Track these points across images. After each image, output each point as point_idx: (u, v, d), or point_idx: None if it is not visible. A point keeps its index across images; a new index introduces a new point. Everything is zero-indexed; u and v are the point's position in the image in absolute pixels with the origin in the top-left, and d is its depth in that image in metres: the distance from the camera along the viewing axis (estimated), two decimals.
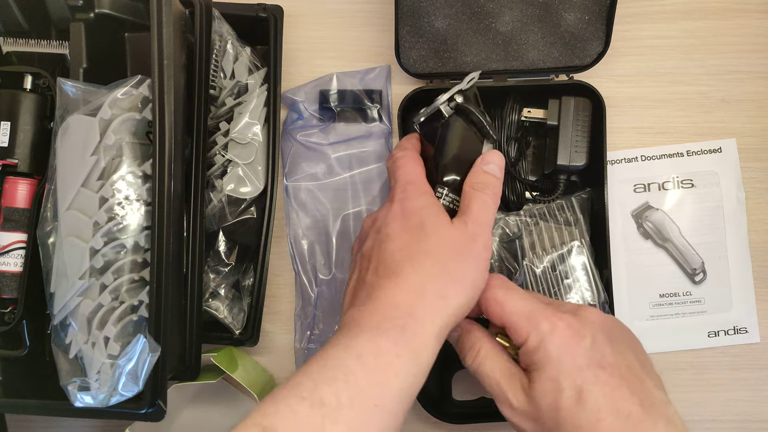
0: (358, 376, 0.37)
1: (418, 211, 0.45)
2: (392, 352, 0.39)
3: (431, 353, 0.41)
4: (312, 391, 0.36)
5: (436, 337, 0.41)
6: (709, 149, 0.64)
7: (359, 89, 0.63)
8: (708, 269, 0.63)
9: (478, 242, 0.44)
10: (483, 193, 0.46)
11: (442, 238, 0.43)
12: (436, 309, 0.41)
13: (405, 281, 0.42)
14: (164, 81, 0.48)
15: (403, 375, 0.39)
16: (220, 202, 0.57)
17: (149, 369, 0.47)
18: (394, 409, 0.38)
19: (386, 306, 0.41)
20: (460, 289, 0.42)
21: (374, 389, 0.37)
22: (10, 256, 0.54)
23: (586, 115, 0.59)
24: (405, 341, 0.39)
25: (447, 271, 0.42)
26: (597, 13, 0.58)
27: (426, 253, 0.43)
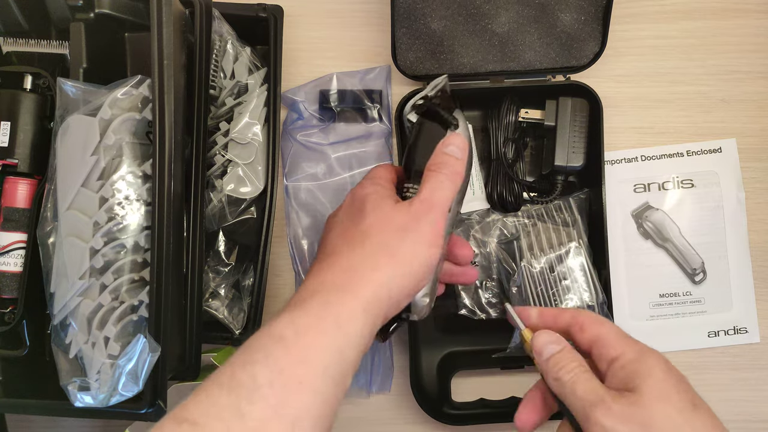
0: (278, 356, 0.36)
1: (363, 197, 0.44)
2: (315, 329, 0.37)
3: (359, 325, 0.39)
4: (230, 377, 0.35)
5: (363, 310, 0.39)
6: (709, 149, 0.64)
7: (359, 89, 0.63)
8: (708, 269, 0.63)
9: (421, 221, 0.42)
10: (438, 172, 0.44)
11: (381, 218, 0.43)
12: (365, 282, 0.40)
13: (338, 261, 0.41)
14: (164, 81, 0.48)
15: (328, 350, 0.37)
16: (220, 202, 0.57)
17: (149, 369, 0.47)
18: (321, 387, 0.36)
19: (315, 285, 0.40)
20: (392, 263, 0.41)
21: (297, 367, 0.36)
22: (10, 256, 0.54)
23: (583, 116, 0.59)
24: (328, 315, 0.38)
25: (381, 247, 0.41)
26: (593, 13, 0.58)
27: (362, 233, 0.42)
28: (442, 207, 0.43)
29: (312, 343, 0.37)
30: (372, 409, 0.63)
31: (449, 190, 0.44)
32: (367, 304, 0.39)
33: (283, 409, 0.35)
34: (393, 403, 0.63)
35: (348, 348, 0.38)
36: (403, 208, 0.43)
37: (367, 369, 0.61)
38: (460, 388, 0.62)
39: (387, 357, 0.62)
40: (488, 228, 0.61)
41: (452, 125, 0.47)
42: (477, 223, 0.61)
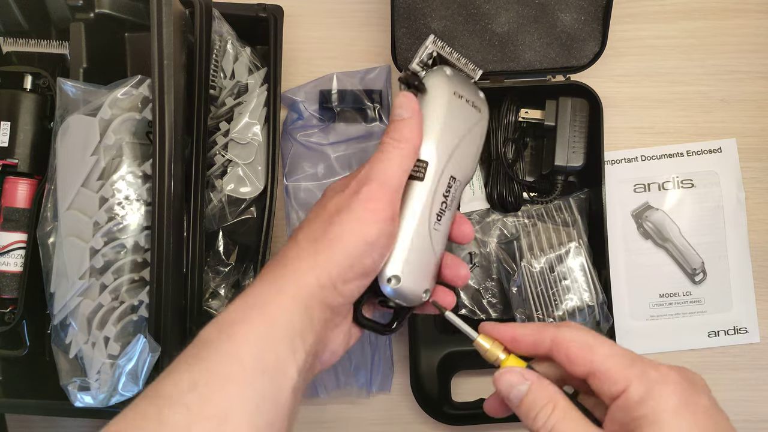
0: (203, 357, 0.35)
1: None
2: (238, 322, 0.36)
3: (288, 314, 0.36)
4: (155, 388, 0.34)
5: (293, 299, 0.36)
6: (709, 149, 0.64)
7: (359, 89, 0.63)
8: (708, 269, 0.63)
9: (352, 199, 0.39)
10: (382, 143, 0.41)
11: (316, 209, 0.41)
12: (290, 272, 0.38)
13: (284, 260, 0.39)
14: (164, 81, 0.48)
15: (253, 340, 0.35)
16: (220, 202, 0.57)
17: (149, 369, 0.47)
18: (254, 379, 0.34)
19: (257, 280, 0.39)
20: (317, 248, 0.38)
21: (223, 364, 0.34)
22: (10, 256, 0.54)
23: (583, 116, 0.59)
24: (253, 308, 0.36)
25: (308, 235, 0.39)
26: (593, 13, 0.58)
27: (305, 225, 0.40)
28: (382, 179, 0.39)
29: (235, 336, 0.35)
30: (372, 409, 0.63)
31: (395, 157, 0.40)
32: (294, 292, 0.37)
33: (208, 409, 0.33)
34: (393, 403, 0.63)
35: (279, 338, 0.36)
36: (338, 194, 0.40)
37: (367, 369, 0.61)
38: (460, 388, 0.62)
39: (387, 357, 0.62)
40: (488, 228, 0.61)
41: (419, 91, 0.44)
42: (477, 223, 0.61)
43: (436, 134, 0.43)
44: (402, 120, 0.41)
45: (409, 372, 0.60)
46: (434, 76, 0.44)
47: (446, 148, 0.43)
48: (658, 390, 0.33)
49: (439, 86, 0.44)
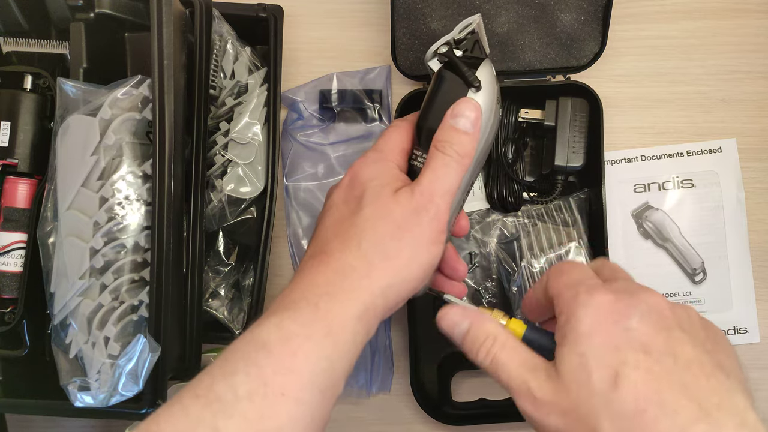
0: (262, 365, 0.34)
1: (365, 181, 0.39)
2: (301, 335, 0.35)
3: (352, 334, 0.36)
4: (208, 388, 0.33)
5: (356, 318, 0.36)
6: (709, 149, 0.64)
7: (359, 89, 0.63)
8: (708, 269, 0.63)
9: (421, 216, 0.38)
10: (443, 153, 0.39)
11: (378, 212, 0.38)
12: (357, 288, 0.36)
13: (329, 260, 0.37)
14: (164, 81, 0.48)
15: (315, 359, 0.34)
16: (220, 202, 0.57)
17: (149, 369, 0.47)
18: (307, 397, 0.34)
19: (304, 286, 0.37)
20: (389, 268, 0.37)
21: (280, 377, 0.33)
22: (10, 256, 0.54)
23: (583, 116, 0.59)
24: (317, 321, 0.35)
25: (376, 248, 0.37)
26: (593, 13, 0.58)
27: (356, 227, 0.38)
28: (444, 197, 0.38)
29: (298, 351, 0.34)
30: (372, 409, 0.63)
31: (454, 175, 0.39)
32: (360, 313, 0.36)
33: (263, 423, 0.33)
34: (393, 403, 0.63)
35: (338, 357, 0.35)
36: (403, 199, 0.38)
37: (367, 369, 0.61)
38: (460, 388, 0.62)
39: (387, 357, 0.62)
40: (488, 228, 0.61)
41: (474, 86, 0.40)
42: (477, 223, 0.61)
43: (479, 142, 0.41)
44: (467, 133, 0.39)
45: (409, 372, 0.60)
46: (487, 73, 0.41)
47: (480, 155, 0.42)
48: (579, 314, 0.34)
49: (491, 87, 0.41)
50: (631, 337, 0.33)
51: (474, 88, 0.40)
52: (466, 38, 0.42)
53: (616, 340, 0.33)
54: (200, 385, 0.34)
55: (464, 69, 0.40)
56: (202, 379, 0.34)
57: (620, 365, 0.32)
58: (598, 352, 0.32)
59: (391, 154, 0.41)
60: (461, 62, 0.41)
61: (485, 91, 0.41)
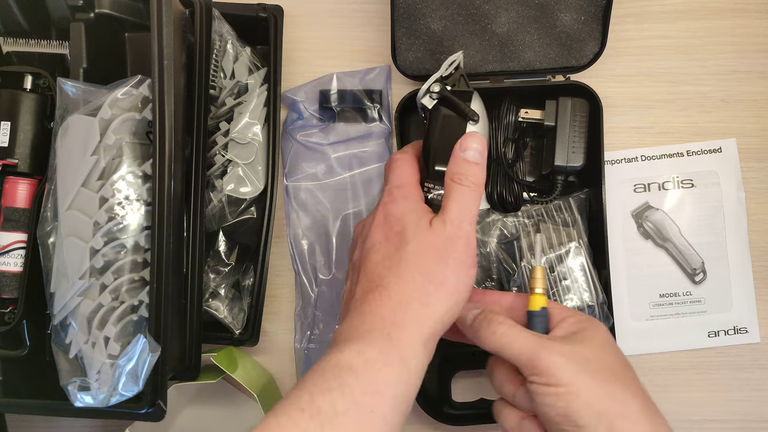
0: (352, 385, 0.38)
1: (401, 218, 0.44)
2: (381, 361, 0.39)
3: (421, 359, 0.41)
4: (310, 402, 0.37)
5: (423, 343, 0.41)
6: (709, 149, 0.64)
7: (359, 89, 0.63)
8: (708, 269, 0.63)
9: (457, 243, 0.43)
10: (461, 185, 0.44)
11: (422, 244, 0.43)
12: (420, 317, 0.41)
13: (388, 293, 0.42)
14: (164, 81, 0.48)
15: (395, 382, 0.39)
16: (220, 202, 0.57)
17: (149, 369, 0.47)
18: (390, 415, 0.39)
19: (373, 318, 0.41)
20: (443, 294, 0.42)
21: (368, 397, 0.38)
22: (10, 256, 0.54)
23: (583, 116, 0.59)
24: (392, 349, 0.40)
25: (428, 277, 0.42)
26: (593, 13, 0.58)
27: (407, 261, 0.42)
28: (471, 222, 0.43)
29: (381, 375, 0.39)
30: None
31: (475, 201, 0.44)
32: (426, 340, 0.41)
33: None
34: None
35: (411, 381, 0.40)
36: (439, 230, 0.43)
37: None
38: (460, 388, 0.62)
39: None
40: (488, 228, 0.61)
41: (472, 119, 0.44)
42: (477, 223, 0.61)
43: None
44: (477, 164, 0.45)
45: None
46: (479, 105, 0.45)
47: None
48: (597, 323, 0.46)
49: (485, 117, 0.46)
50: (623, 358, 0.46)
51: (473, 121, 0.44)
52: (452, 74, 0.46)
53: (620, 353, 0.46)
54: (301, 400, 0.38)
55: (462, 105, 0.45)
56: (301, 395, 0.38)
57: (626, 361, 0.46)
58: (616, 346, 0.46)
59: (412, 189, 0.46)
60: (456, 98, 0.45)
61: (481, 122, 0.45)
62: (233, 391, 0.62)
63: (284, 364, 0.63)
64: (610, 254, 0.59)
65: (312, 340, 0.61)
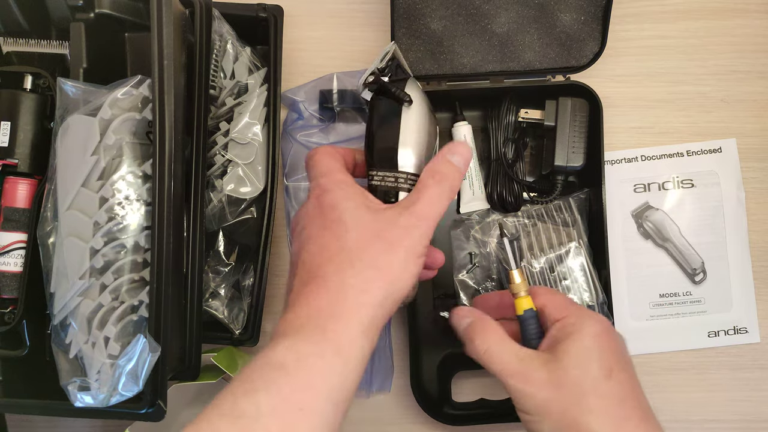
0: (280, 383, 0.37)
1: (335, 205, 0.42)
2: (314, 355, 0.38)
3: (359, 348, 0.39)
4: (232, 406, 0.36)
5: (361, 333, 0.39)
6: (709, 149, 0.64)
7: None
8: (708, 269, 0.63)
9: (412, 233, 0.41)
10: (440, 185, 0.43)
11: (364, 230, 0.41)
12: (358, 304, 0.39)
13: (326, 283, 0.40)
14: (164, 81, 0.48)
15: (329, 375, 0.38)
16: (220, 202, 0.57)
17: (149, 369, 0.47)
18: (324, 410, 0.37)
19: (309, 311, 0.40)
20: (384, 279, 0.40)
21: (298, 394, 0.37)
22: (10, 256, 0.54)
23: (583, 116, 0.59)
24: (326, 341, 0.38)
25: (369, 264, 0.40)
26: (593, 13, 0.58)
27: (347, 250, 0.41)
28: (435, 220, 0.42)
29: (313, 370, 0.38)
30: (372, 409, 0.63)
31: (445, 203, 0.43)
32: (365, 329, 0.39)
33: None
34: (393, 403, 0.63)
35: (348, 372, 0.39)
36: (391, 216, 0.42)
37: (367, 369, 0.61)
38: (460, 388, 0.62)
39: (387, 357, 0.62)
40: (488, 228, 0.61)
41: (405, 101, 0.45)
42: (477, 223, 0.61)
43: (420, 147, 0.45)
44: (459, 171, 0.44)
45: (409, 372, 0.60)
46: (415, 89, 0.45)
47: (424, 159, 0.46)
48: (585, 320, 0.44)
49: (421, 100, 0.45)
50: (622, 351, 0.45)
51: (407, 103, 0.45)
52: (388, 65, 0.46)
53: (614, 347, 0.44)
54: (224, 404, 0.36)
55: (393, 89, 0.45)
56: (225, 398, 0.37)
57: (614, 365, 0.43)
58: (601, 351, 0.43)
59: (340, 175, 0.44)
60: (389, 85, 0.45)
61: (416, 104, 0.45)
62: None
63: None
64: (610, 254, 0.59)
65: None
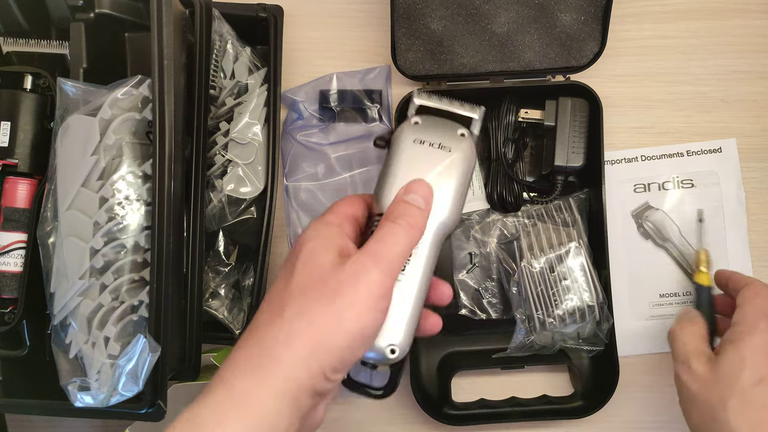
0: None
1: (301, 246, 0.37)
2: (211, 422, 0.33)
3: (273, 414, 0.33)
4: None
5: (278, 395, 0.33)
6: (709, 149, 0.64)
7: (359, 89, 0.63)
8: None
9: (359, 279, 0.35)
10: (393, 223, 0.38)
11: (311, 276, 0.36)
12: (277, 361, 0.34)
13: (257, 331, 0.35)
14: (164, 81, 0.48)
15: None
16: (220, 202, 0.57)
17: (149, 369, 0.47)
18: None
19: (226, 365, 0.35)
20: (310, 336, 0.34)
21: None
22: (10, 256, 0.54)
23: (583, 116, 0.59)
24: (230, 404, 0.33)
25: (300, 317, 0.35)
26: (593, 13, 0.58)
27: (287, 296, 0.36)
28: (389, 263, 0.36)
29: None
30: (372, 409, 0.63)
31: (403, 244, 0.37)
32: (282, 389, 0.33)
33: None
34: (393, 403, 0.62)
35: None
36: (340, 262, 0.36)
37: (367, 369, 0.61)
38: (460, 388, 0.62)
39: None
40: (488, 228, 0.61)
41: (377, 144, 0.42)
42: (477, 223, 0.61)
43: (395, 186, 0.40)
44: (419, 208, 0.39)
45: (409, 372, 0.60)
46: (397, 131, 0.42)
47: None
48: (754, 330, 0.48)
49: (398, 138, 0.41)
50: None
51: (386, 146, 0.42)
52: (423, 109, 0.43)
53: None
54: None
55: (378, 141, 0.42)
56: None
57: (766, 375, 0.46)
58: (756, 361, 0.47)
59: (337, 219, 0.39)
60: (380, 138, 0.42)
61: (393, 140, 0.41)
62: None
63: None
64: (610, 254, 0.59)
65: None
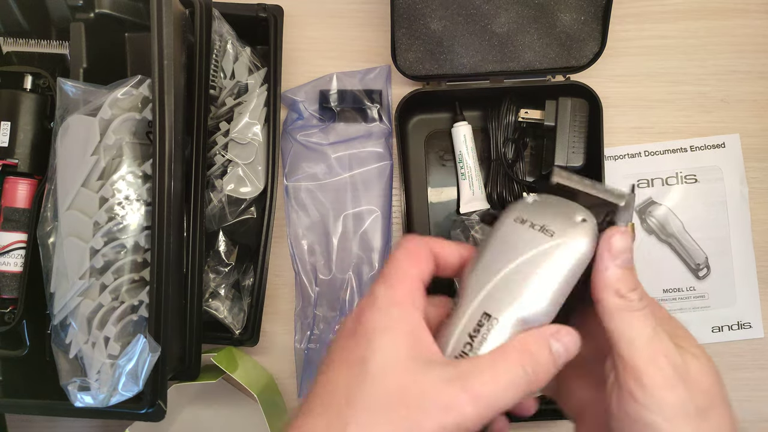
0: None
1: (371, 337, 0.31)
2: None
3: None
4: None
5: None
6: (712, 144, 0.64)
7: (359, 89, 0.63)
8: (711, 264, 0.63)
9: (446, 413, 0.29)
10: (519, 367, 0.30)
11: (383, 384, 0.29)
12: None
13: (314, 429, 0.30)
14: (164, 81, 0.48)
15: None
16: (220, 202, 0.57)
17: (149, 369, 0.47)
18: None
19: None
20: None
21: None
22: (10, 256, 0.54)
23: (583, 116, 0.59)
24: None
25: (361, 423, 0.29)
26: (593, 13, 0.58)
27: (348, 401, 0.29)
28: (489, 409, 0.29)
29: None
30: None
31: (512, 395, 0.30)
32: None
33: None
34: None
35: None
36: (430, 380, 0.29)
37: None
38: None
39: None
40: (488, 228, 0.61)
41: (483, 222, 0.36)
42: (477, 224, 0.61)
43: (477, 267, 0.33)
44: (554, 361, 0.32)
45: None
46: (506, 208, 0.36)
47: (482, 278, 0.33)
48: None
49: (502, 215, 0.35)
50: None
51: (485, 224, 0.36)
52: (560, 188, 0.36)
53: None
54: None
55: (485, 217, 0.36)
56: None
57: None
58: None
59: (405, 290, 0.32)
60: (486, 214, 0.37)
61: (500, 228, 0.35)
62: (233, 391, 0.62)
63: (284, 364, 0.62)
64: None
65: (312, 340, 0.61)
